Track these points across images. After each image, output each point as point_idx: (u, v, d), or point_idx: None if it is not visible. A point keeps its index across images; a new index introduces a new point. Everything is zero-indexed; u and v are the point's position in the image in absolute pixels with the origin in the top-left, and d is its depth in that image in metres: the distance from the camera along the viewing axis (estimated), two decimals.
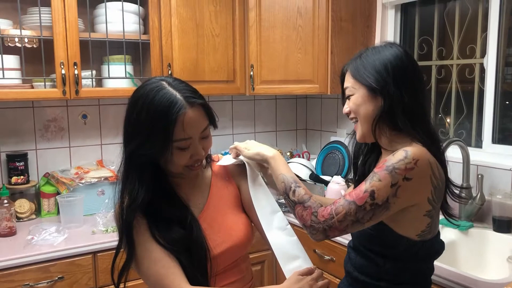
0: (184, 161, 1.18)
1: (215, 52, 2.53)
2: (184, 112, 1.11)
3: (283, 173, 1.27)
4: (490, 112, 2.20)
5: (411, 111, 1.22)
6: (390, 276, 1.28)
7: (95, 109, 2.58)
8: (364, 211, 1.14)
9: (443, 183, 1.24)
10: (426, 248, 1.26)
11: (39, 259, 1.88)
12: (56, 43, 2.11)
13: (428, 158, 1.17)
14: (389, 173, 1.14)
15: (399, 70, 1.23)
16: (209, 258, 1.20)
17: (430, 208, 1.21)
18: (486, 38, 2.22)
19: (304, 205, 1.21)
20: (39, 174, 2.46)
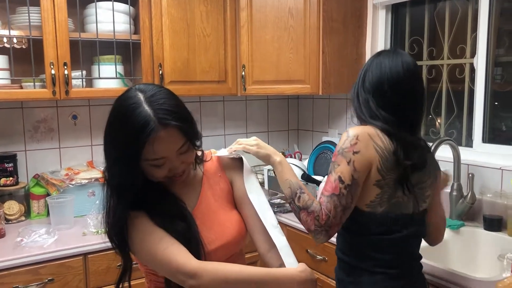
0: (163, 175, 1.17)
1: (206, 52, 2.52)
2: (154, 136, 1.08)
3: (289, 179, 1.36)
4: (481, 111, 2.22)
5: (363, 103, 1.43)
6: (352, 251, 1.41)
7: (85, 109, 2.56)
8: (344, 196, 1.29)
9: (391, 155, 1.31)
10: (378, 223, 1.34)
11: (29, 261, 1.86)
12: (45, 43, 2.09)
13: (367, 131, 1.32)
14: (341, 155, 1.31)
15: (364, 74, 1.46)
16: (203, 254, 1.20)
17: (380, 178, 1.31)
18: (476, 38, 2.23)
19: (308, 211, 1.31)
20: (28, 176, 2.44)
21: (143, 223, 1.17)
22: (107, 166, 1.17)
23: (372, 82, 1.39)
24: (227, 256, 1.29)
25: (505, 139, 2.21)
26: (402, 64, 1.37)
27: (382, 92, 1.37)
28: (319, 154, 2.72)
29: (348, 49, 2.60)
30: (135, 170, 1.12)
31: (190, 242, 1.17)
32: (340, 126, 2.92)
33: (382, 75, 1.37)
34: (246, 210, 1.33)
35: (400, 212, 1.36)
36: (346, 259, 1.43)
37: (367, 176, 1.31)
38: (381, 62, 1.39)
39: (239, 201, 1.35)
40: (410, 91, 1.38)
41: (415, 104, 1.40)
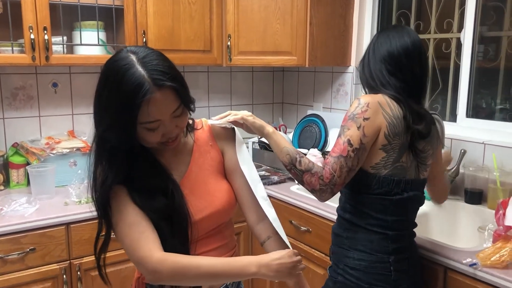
0: (156, 140, 1.14)
1: (191, 20, 2.46)
2: (149, 97, 1.05)
3: (286, 146, 1.44)
4: (465, 86, 2.23)
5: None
6: (351, 208, 1.48)
7: (66, 77, 2.48)
8: (351, 159, 1.36)
9: (399, 121, 1.39)
10: (380, 184, 1.41)
11: (9, 230, 1.83)
12: (24, 6, 2.00)
13: (378, 100, 1.39)
14: (352, 120, 1.38)
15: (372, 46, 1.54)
16: (190, 224, 1.19)
17: (386, 143, 1.39)
18: (463, 12, 2.23)
19: (311, 172, 1.39)
20: (7, 144, 2.37)
21: (121, 202, 1.15)
22: (100, 131, 1.11)
23: (383, 51, 1.46)
24: (215, 225, 1.28)
25: (485, 115, 2.24)
26: (409, 35, 1.46)
27: (395, 59, 1.44)
28: (304, 127, 2.71)
29: (335, 20, 2.57)
30: (132, 133, 1.09)
31: (172, 217, 1.16)
32: (325, 99, 2.91)
33: (392, 44, 1.45)
34: (237, 181, 1.32)
35: (402, 177, 1.43)
36: (346, 216, 1.50)
37: (374, 140, 1.38)
38: (388, 34, 1.48)
39: (229, 171, 1.34)
40: (419, 59, 1.46)
41: (422, 73, 1.47)
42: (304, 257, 1.98)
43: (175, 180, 1.22)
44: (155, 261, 1.09)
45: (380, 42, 1.48)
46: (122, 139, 1.10)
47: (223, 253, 1.30)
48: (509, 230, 1.55)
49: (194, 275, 1.11)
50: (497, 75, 2.21)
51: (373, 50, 1.50)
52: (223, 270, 1.13)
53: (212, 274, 1.13)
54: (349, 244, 1.48)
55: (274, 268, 1.15)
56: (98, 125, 1.12)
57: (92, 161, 1.16)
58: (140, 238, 1.11)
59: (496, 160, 1.99)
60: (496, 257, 1.46)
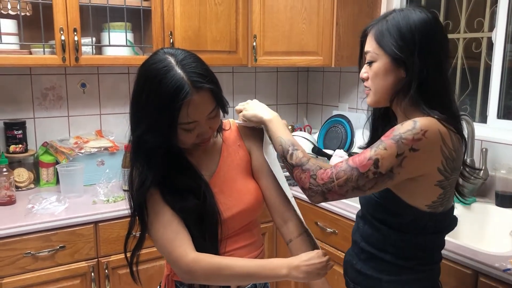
0: (191, 140, 1.17)
1: (217, 21, 2.47)
2: (189, 99, 1.07)
3: (280, 136, 1.25)
4: (497, 86, 2.18)
5: (430, 86, 1.15)
6: (395, 249, 1.24)
7: (94, 78, 2.52)
8: (366, 179, 1.11)
9: (460, 154, 1.18)
10: (436, 222, 1.21)
11: (40, 228, 1.86)
12: (55, 8, 2.04)
13: (439, 128, 1.11)
14: (396, 143, 1.09)
15: (426, 40, 1.14)
16: (219, 221, 1.20)
17: (442, 178, 1.15)
18: (494, 11, 2.18)
19: (302, 168, 1.19)
20: (37, 143, 2.42)
21: (155, 203, 1.17)
22: (138, 133, 1.13)
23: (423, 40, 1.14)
24: (244, 223, 1.29)
25: None
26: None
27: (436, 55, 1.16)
28: (330, 128, 2.70)
29: (362, 20, 2.54)
30: (172, 135, 1.11)
31: (203, 217, 1.18)
32: (351, 100, 2.88)
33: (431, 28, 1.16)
34: (264, 181, 1.33)
35: (449, 207, 1.25)
36: (387, 257, 1.26)
37: (423, 176, 1.14)
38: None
39: (256, 171, 1.34)
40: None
41: None
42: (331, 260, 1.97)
43: (205, 180, 1.23)
44: (190, 261, 1.13)
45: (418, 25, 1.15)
46: (161, 140, 1.11)
47: (252, 251, 1.31)
48: None
49: (227, 276, 1.15)
50: None
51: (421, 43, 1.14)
52: (255, 271, 1.16)
53: (244, 275, 1.16)
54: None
55: (304, 270, 1.16)
56: (136, 127, 1.14)
57: (130, 163, 1.19)
58: (175, 239, 1.15)
59: None
60: None
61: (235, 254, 1.25)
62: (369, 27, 1.25)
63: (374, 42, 1.21)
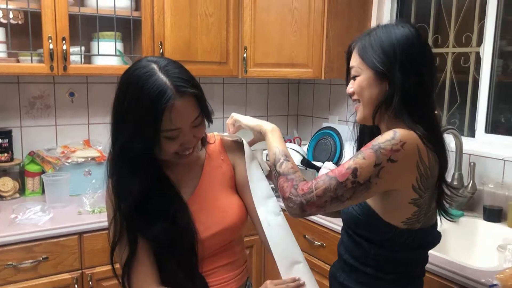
0: (174, 149, 1.12)
1: (208, 32, 2.47)
2: (172, 103, 1.04)
3: (277, 146, 1.26)
4: (485, 101, 2.19)
5: (412, 99, 1.17)
6: (376, 263, 1.25)
7: (83, 87, 2.51)
8: (344, 188, 1.11)
9: (434, 173, 1.18)
10: (415, 238, 1.21)
11: (23, 239, 1.83)
12: (44, 17, 2.03)
13: (417, 143, 1.12)
14: (374, 152, 1.10)
15: (407, 54, 1.16)
16: (195, 243, 1.16)
17: (416, 197, 1.16)
18: (482, 26, 2.20)
19: (287, 177, 1.19)
20: (23, 152, 2.39)
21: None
22: (121, 141, 1.10)
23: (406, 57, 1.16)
24: (224, 242, 1.25)
25: (504, 130, 2.19)
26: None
27: (418, 72, 1.17)
28: (319, 140, 2.69)
29: (352, 33, 2.55)
30: (155, 141, 1.08)
31: (173, 240, 1.14)
32: (341, 112, 2.89)
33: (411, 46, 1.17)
34: (249, 195, 1.28)
35: (430, 224, 1.26)
36: (368, 270, 1.26)
37: (396, 190, 1.15)
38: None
39: (240, 185, 1.31)
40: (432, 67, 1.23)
41: None
42: (317, 273, 1.95)
43: (182, 199, 1.19)
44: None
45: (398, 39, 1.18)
46: (145, 147, 1.08)
47: (233, 270, 1.28)
48: None
49: None
50: None
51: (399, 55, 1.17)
52: None
53: None
54: None
55: None
56: (118, 135, 1.11)
57: (110, 171, 1.15)
58: (140, 271, 1.13)
59: None
60: None
61: (213, 274, 1.22)
62: (353, 43, 1.28)
63: (357, 57, 1.23)
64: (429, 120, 1.20)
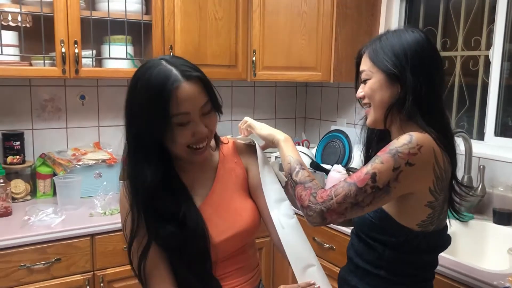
0: (186, 139, 1.13)
1: (217, 36, 2.49)
2: (178, 85, 1.07)
3: (290, 155, 1.27)
4: (494, 104, 2.20)
5: (423, 102, 1.18)
6: (389, 266, 1.26)
7: (93, 90, 2.53)
8: (364, 194, 1.11)
9: (448, 175, 1.20)
10: (429, 241, 1.23)
11: (36, 240, 1.85)
12: (56, 20, 2.06)
13: (433, 146, 1.14)
14: (392, 157, 1.11)
15: (418, 57, 1.18)
16: (208, 248, 1.16)
17: (432, 199, 1.18)
18: (491, 30, 2.20)
19: (304, 186, 1.19)
20: (35, 155, 2.42)
21: (140, 231, 1.15)
22: (134, 129, 1.13)
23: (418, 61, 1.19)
24: (238, 246, 1.26)
25: None
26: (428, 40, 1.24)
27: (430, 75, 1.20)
28: (328, 143, 2.70)
29: (360, 37, 2.57)
30: (167, 124, 1.10)
31: (185, 244, 1.14)
32: (349, 115, 2.90)
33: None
34: (262, 199, 1.28)
35: (442, 226, 1.27)
36: (381, 273, 1.27)
37: (413, 193, 1.16)
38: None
39: (254, 189, 1.31)
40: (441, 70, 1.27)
41: None
42: (327, 275, 1.95)
43: (192, 202, 1.19)
44: None
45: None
46: (157, 133, 1.10)
47: (245, 273, 1.28)
48: None
49: None
50: None
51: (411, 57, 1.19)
52: None
53: None
54: None
55: None
56: (132, 125, 1.14)
57: (127, 167, 1.16)
58: (156, 275, 1.14)
59: None
60: None
61: (227, 278, 1.22)
62: (363, 48, 1.30)
63: (368, 61, 1.25)
64: (440, 122, 1.22)
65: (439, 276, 1.59)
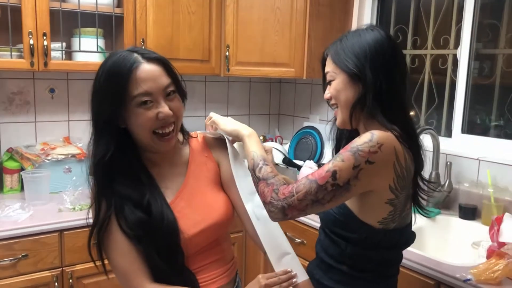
0: (151, 122, 1.14)
1: (190, 30, 2.47)
2: (137, 65, 1.11)
3: (254, 150, 1.26)
4: (461, 102, 2.25)
5: (384, 99, 1.20)
6: (351, 261, 1.28)
7: (63, 83, 2.48)
8: (325, 191, 1.12)
9: (410, 173, 1.22)
10: (390, 238, 1.25)
11: (2, 236, 1.81)
12: (24, 12, 2.01)
13: (394, 145, 1.15)
14: (353, 155, 1.12)
15: (378, 55, 1.21)
16: (182, 239, 1.18)
17: (393, 197, 1.19)
18: (460, 29, 2.26)
19: (267, 182, 1.19)
20: (1, 149, 2.36)
21: (113, 231, 1.16)
22: (95, 108, 1.16)
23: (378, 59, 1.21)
24: (212, 238, 1.27)
25: (480, 131, 2.26)
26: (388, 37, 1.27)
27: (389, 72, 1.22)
28: (300, 139, 2.72)
29: (333, 33, 2.59)
30: (128, 102, 1.12)
31: (153, 233, 1.15)
32: (322, 112, 2.92)
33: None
34: (235, 191, 1.29)
35: (405, 224, 1.29)
36: (344, 268, 1.29)
37: (373, 191, 1.18)
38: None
39: (226, 182, 1.33)
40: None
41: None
42: None
43: (158, 193, 1.20)
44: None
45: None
46: (115, 113, 1.13)
47: (222, 266, 1.30)
48: (503, 246, 1.57)
49: None
50: (492, 92, 2.24)
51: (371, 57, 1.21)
52: None
53: None
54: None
55: None
56: (96, 110, 1.16)
57: (91, 154, 1.18)
58: (132, 270, 1.14)
59: (490, 176, 2.00)
60: (490, 273, 1.46)
61: (203, 271, 1.24)
62: (326, 50, 1.32)
63: (331, 62, 1.27)
64: (403, 119, 1.23)
65: (405, 270, 1.63)
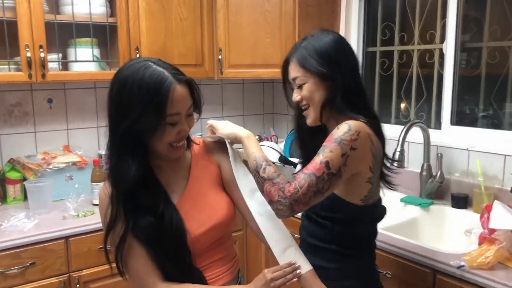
0: (172, 138, 1.21)
1: (183, 36, 2.53)
2: (174, 87, 1.15)
3: (255, 152, 1.34)
4: (449, 95, 2.32)
5: (350, 92, 1.34)
6: (339, 239, 1.40)
7: (61, 93, 2.53)
8: (323, 181, 1.24)
9: (381, 153, 1.37)
10: (369, 213, 1.40)
11: (10, 245, 1.86)
12: (20, 25, 2.05)
13: (367, 131, 1.30)
14: (338, 144, 1.25)
15: (339, 54, 1.34)
16: (189, 240, 1.23)
17: (371, 176, 1.34)
18: (445, 24, 2.32)
19: (273, 182, 1.27)
20: (3, 160, 2.40)
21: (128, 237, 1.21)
22: (124, 126, 1.16)
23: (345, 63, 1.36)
24: (216, 238, 1.33)
25: (469, 122, 2.33)
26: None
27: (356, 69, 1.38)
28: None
29: None
30: (159, 124, 1.16)
31: (163, 237, 1.20)
32: None
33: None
34: (237, 192, 1.36)
35: (377, 199, 1.44)
36: (333, 247, 1.41)
37: (358, 173, 1.31)
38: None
39: (228, 183, 1.39)
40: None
41: None
42: None
43: (169, 199, 1.26)
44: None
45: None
46: (150, 129, 1.17)
47: (226, 263, 1.36)
48: (493, 232, 1.63)
49: None
50: (479, 83, 2.30)
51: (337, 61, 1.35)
52: None
53: None
54: (338, 275, 1.41)
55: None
56: (121, 122, 1.16)
57: (111, 164, 1.21)
58: (145, 271, 1.20)
59: (480, 165, 2.07)
60: (482, 259, 1.53)
61: (209, 269, 1.30)
62: (289, 55, 1.42)
63: (299, 68, 1.37)
64: (367, 110, 1.37)
65: (402, 259, 1.70)
